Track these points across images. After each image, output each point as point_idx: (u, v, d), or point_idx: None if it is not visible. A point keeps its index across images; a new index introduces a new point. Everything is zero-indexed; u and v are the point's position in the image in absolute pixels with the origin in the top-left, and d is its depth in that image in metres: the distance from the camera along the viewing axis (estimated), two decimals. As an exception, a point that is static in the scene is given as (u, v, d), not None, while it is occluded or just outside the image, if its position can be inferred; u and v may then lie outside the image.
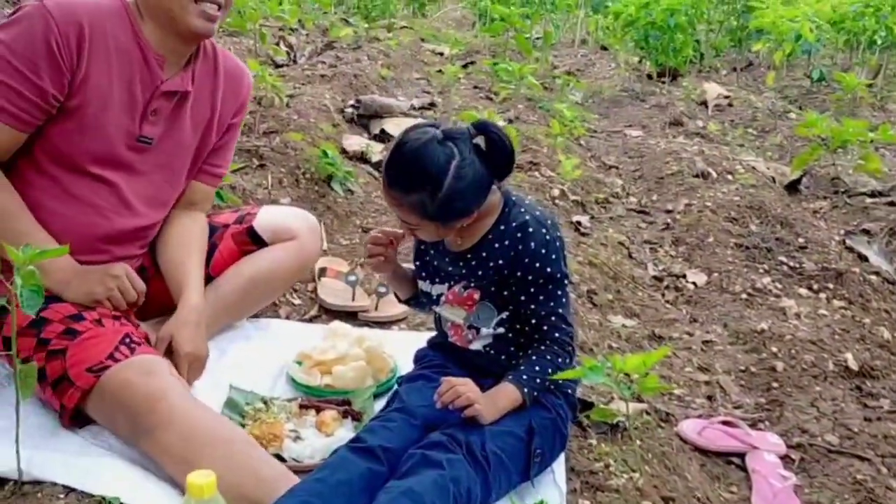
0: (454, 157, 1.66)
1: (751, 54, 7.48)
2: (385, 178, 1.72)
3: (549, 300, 1.79)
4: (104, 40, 1.84)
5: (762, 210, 3.66)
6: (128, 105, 1.91)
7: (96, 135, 1.88)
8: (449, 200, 1.67)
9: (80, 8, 1.82)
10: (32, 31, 1.76)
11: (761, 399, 2.43)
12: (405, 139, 1.70)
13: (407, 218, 1.73)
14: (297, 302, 2.62)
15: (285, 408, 1.98)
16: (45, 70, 1.77)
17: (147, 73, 1.92)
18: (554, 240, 1.79)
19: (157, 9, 1.89)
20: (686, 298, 3.12)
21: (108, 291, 1.86)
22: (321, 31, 7.09)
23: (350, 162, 3.69)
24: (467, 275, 1.83)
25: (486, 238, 1.80)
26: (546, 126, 4.49)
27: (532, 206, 1.84)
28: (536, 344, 1.81)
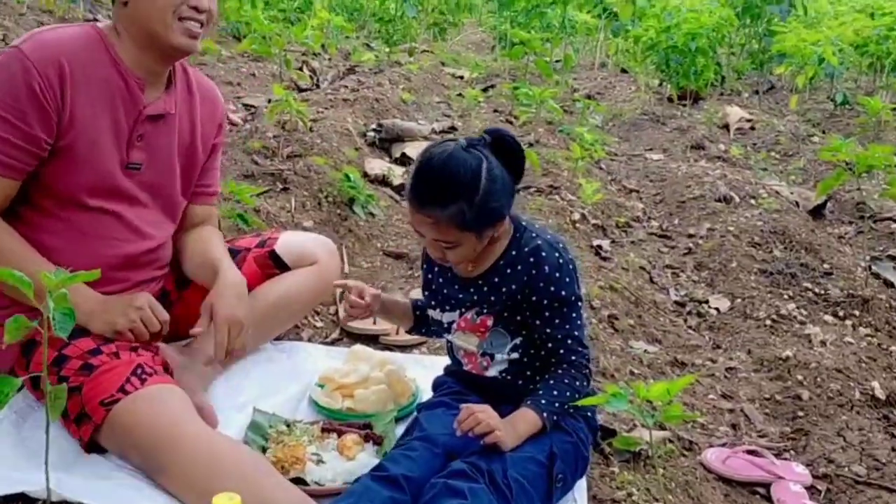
0: (482, 160, 1.69)
1: (773, 77, 7.47)
2: (416, 199, 1.72)
3: (564, 323, 1.79)
4: (85, 74, 1.84)
5: (786, 235, 3.63)
6: (114, 134, 1.92)
7: (90, 168, 1.89)
8: (486, 203, 1.68)
9: (57, 47, 1.82)
10: (14, 79, 1.77)
11: (786, 428, 2.40)
12: (430, 156, 1.72)
13: (444, 236, 1.73)
14: (319, 324, 2.62)
15: (308, 431, 1.98)
16: (33, 116, 1.78)
17: (129, 99, 1.92)
18: (567, 262, 1.79)
19: (138, 28, 1.88)
20: (709, 324, 3.10)
21: (130, 323, 1.86)
22: (343, 55, 7.14)
23: (372, 185, 3.71)
24: (479, 301, 1.83)
25: (498, 263, 1.81)
26: (566, 150, 4.49)
27: (542, 230, 1.86)
28: (554, 368, 1.81)
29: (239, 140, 3.76)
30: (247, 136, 3.85)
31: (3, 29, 5.24)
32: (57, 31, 1.87)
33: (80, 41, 1.86)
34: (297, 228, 3.07)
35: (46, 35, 1.84)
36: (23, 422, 1.90)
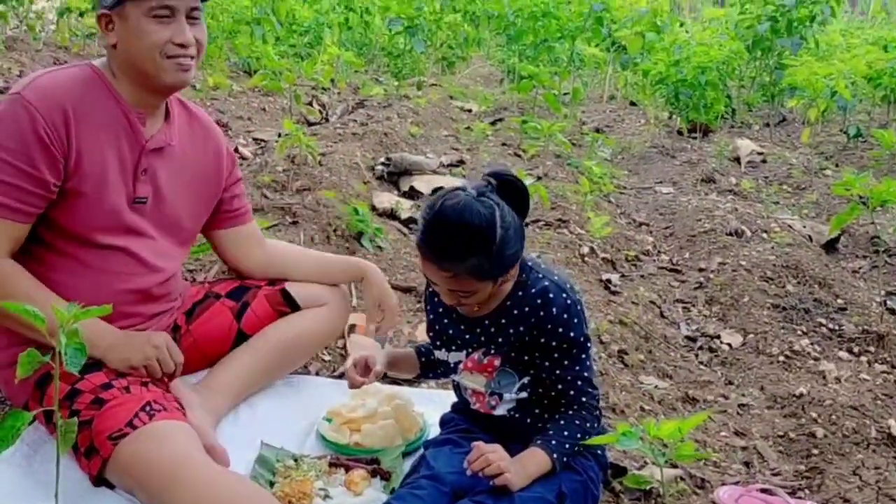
0: (495, 208, 1.66)
1: (784, 110, 7.47)
2: (431, 253, 1.69)
3: (573, 364, 1.78)
4: (87, 114, 1.86)
5: (799, 270, 3.60)
6: (120, 170, 1.93)
7: (98, 206, 1.90)
8: (502, 252, 1.66)
9: (58, 90, 1.83)
10: (20, 126, 1.78)
11: (801, 466, 2.35)
12: (443, 208, 1.68)
13: (462, 287, 1.71)
14: (327, 358, 2.61)
15: (315, 465, 1.97)
16: (42, 161, 1.79)
17: (132, 134, 1.94)
18: (574, 303, 1.78)
19: (130, 68, 1.90)
20: (721, 360, 3.06)
21: (145, 360, 1.88)
22: (353, 89, 7.20)
23: (380, 219, 3.70)
24: (486, 342, 1.81)
25: (505, 304, 1.79)
26: (575, 183, 4.48)
27: (549, 269, 1.83)
28: (563, 408, 1.80)
29: (249, 174, 3.77)
30: (257, 170, 3.86)
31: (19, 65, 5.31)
32: (56, 73, 1.88)
33: (79, 82, 1.88)
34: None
35: (46, 79, 1.85)
36: (34, 454, 1.91)
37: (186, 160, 2.08)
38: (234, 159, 2.25)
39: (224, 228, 2.25)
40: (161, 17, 1.85)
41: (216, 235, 2.27)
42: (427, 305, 1.96)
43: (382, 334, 2.30)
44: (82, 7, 6.22)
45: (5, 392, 2.02)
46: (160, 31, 1.86)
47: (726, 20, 7.92)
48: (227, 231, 2.26)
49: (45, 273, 1.88)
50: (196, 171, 2.11)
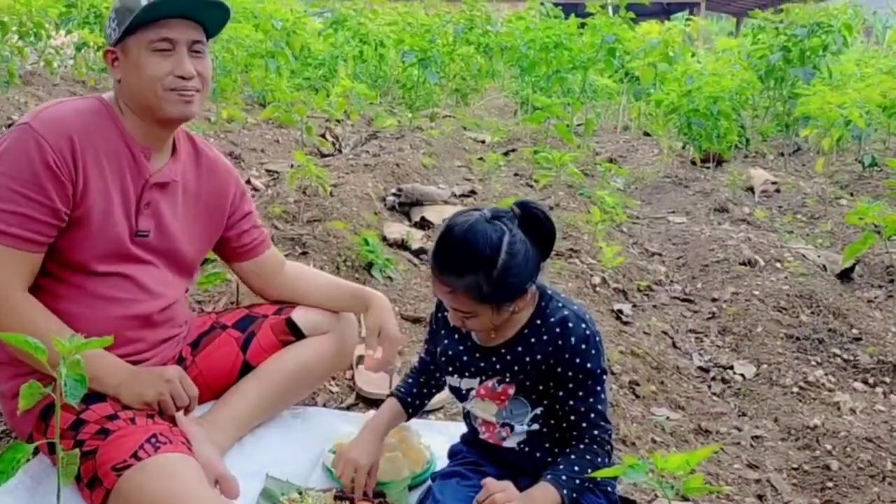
0: (504, 233, 1.65)
1: (799, 139, 7.44)
2: (435, 265, 1.70)
3: (588, 396, 1.75)
4: (93, 146, 1.87)
5: (813, 299, 3.56)
6: (123, 203, 1.94)
7: (101, 237, 1.90)
8: (504, 278, 1.64)
9: (66, 121, 1.85)
10: (29, 156, 1.79)
11: (815, 499, 2.31)
12: (452, 223, 1.69)
13: (461, 305, 1.70)
14: (334, 389, 2.59)
15: (320, 499, 1.95)
16: (52, 189, 1.80)
17: (136, 168, 1.95)
18: (593, 335, 1.75)
19: (134, 102, 1.93)
20: (734, 391, 3.03)
21: (158, 395, 1.87)
22: (366, 121, 7.24)
23: (390, 249, 3.70)
24: (502, 370, 1.79)
25: (523, 332, 1.77)
26: (587, 213, 4.47)
27: (568, 300, 1.81)
28: (575, 442, 1.77)
29: (261, 205, 3.78)
30: (268, 201, 3.88)
31: (36, 99, 5.38)
32: (64, 105, 1.90)
33: (86, 114, 1.90)
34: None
35: (54, 110, 1.87)
36: (37, 486, 1.90)
37: (189, 196, 2.09)
38: (243, 194, 2.25)
39: (243, 261, 2.29)
40: (162, 51, 1.89)
41: (237, 268, 2.32)
42: (440, 329, 1.94)
43: (382, 367, 2.26)
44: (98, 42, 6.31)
45: (9, 423, 2.02)
46: (161, 63, 1.89)
47: (739, 51, 7.93)
48: (246, 263, 2.29)
49: (45, 300, 1.87)
50: (199, 208, 2.12)
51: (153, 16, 1.87)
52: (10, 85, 5.17)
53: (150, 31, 1.88)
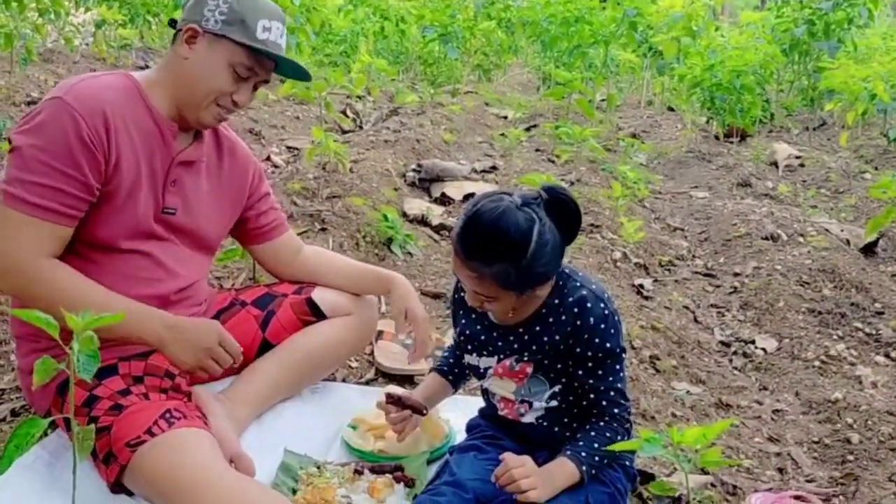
0: (535, 222, 1.63)
1: (824, 114, 7.34)
2: (462, 251, 1.67)
3: (607, 375, 1.74)
4: (124, 122, 1.87)
5: (836, 274, 3.53)
6: (151, 179, 1.94)
7: (129, 213, 1.91)
8: (532, 267, 1.63)
9: (99, 95, 1.84)
10: (64, 130, 1.78)
11: (835, 472, 2.30)
12: (481, 210, 1.66)
13: (485, 290, 1.69)
14: (353, 365, 2.60)
15: (338, 472, 1.96)
16: (86, 165, 1.80)
17: (163, 145, 1.96)
18: (612, 314, 1.74)
19: (181, 86, 1.94)
20: (755, 365, 3.01)
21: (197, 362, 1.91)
22: (388, 98, 7.22)
23: (410, 225, 3.70)
24: (520, 349, 1.78)
25: (540, 312, 1.76)
26: (608, 188, 4.44)
27: (586, 278, 1.80)
28: (594, 419, 1.76)
29: (280, 182, 3.80)
30: (288, 177, 3.89)
31: (55, 76, 5.41)
32: (95, 79, 1.89)
33: (117, 90, 1.89)
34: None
35: (85, 84, 1.85)
36: (56, 462, 1.91)
37: (212, 176, 2.11)
38: (261, 176, 2.26)
39: (259, 244, 2.29)
40: (238, 75, 1.92)
41: (253, 250, 2.32)
42: (458, 310, 1.94)
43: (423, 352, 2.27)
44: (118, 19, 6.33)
45: (28, 399, 2.04)
46: (230, 84, 1.92)
47: (763, 24, 7.81)
48: (263, 245, 2.29)
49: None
50: (221, 188, 2.13)
51: (257, 51, 1.91)
52: (29, 62, 5.19)
53: (245, 53, 1.91)
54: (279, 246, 2.31)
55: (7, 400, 2.19)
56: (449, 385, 2.05)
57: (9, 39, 4.77)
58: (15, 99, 4.56)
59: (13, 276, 1.80)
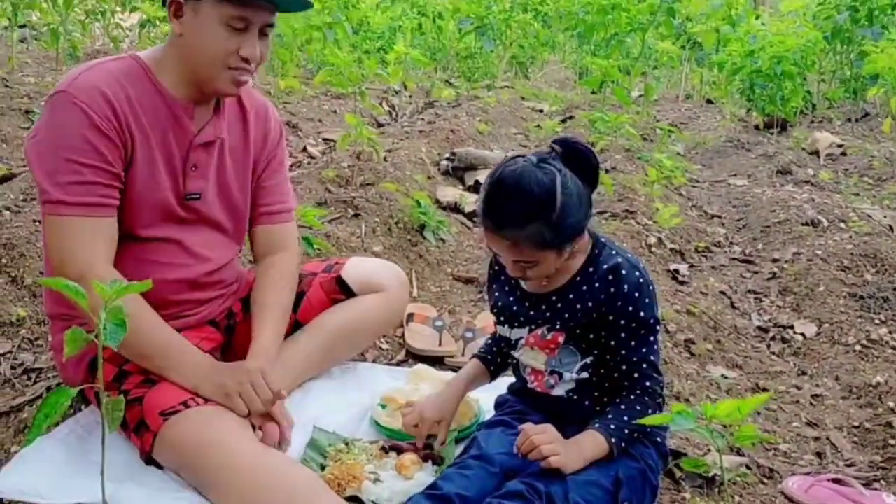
0: (555, 175, 1.62)
1: (867, 104, 7.18)
2: (491, 221, 1.65)
3: (640, 346, 1.72)
4: (133, 108, 1.81)
5: (878, 258, 3.44)
6: (169, 165, 1.89)
7: (147, 201, 1.87)
8: (564, 220, 1.61)
9: (102, 83, 1.77)
10: (76, 123, 1.74)
11: (876, 457, 2.24)
12: (501, 176, 1.65)
13: (524, 256, 1.66)
14: (384, 346, 2.60)
15: (366, 450, 1.96)
16: (107, 152, 1.76)
17: (179, 128, 1.89)
18: (647, 283, 1.72)
19: (186, 64, 1.85)
20: (794, 350, 2.94)
21: (239, 386, 1.82)
22: (424, 92, 7.22)
23: (443, 212, 3.69)
24: (553, 318, 1.76)
25: (575, 280, 1.74)
26: (644, 176, 4.39)
27: (622, 248, 1.78)
28: (626, 392, 1.73)
29: (315, 171, 3.81)
30: (323, 166, 3.90)
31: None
32: (96, 68, 1.83)
33: (122, 74, 1.82)
34: (368, 254, 3.07)
35: (87, 74, 1.79)
36: (88, 436, 1.94)
37: (236, 153, 2.03)
38: (281, 132, 2.15)
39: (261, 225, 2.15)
40: (235, 28, 1.79)
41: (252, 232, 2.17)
42: (492, 284, 1.92)
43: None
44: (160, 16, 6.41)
45: (62, 376, 2.05)
46: (230, 40, 1.80)
47: (804, 11, 7.67)
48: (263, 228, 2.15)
49: None
50: (246, 162, 2.07)
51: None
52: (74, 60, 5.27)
53: (230, 5, 1.77)
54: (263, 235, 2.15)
55: (43, 378, 2.22)
56: (485, 374, 2.03)
57: (55, 36, 4.85)
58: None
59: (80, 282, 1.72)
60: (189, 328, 1.94)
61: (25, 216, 2.77)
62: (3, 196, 3.08)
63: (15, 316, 2.40)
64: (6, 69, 4.87)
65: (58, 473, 1.76)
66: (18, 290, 2.51)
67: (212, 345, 2.04)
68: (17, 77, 4.88)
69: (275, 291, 2.09)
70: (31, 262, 2.57)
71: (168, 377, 1.82)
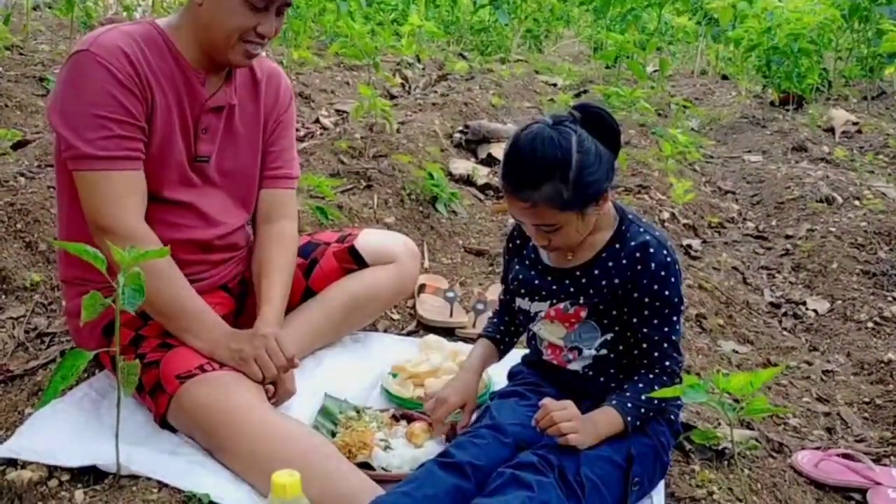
0: (571, 134, 1.60)
1: (883, 83, 7.10)
2: (509, 185, 1.65)
3: (663, 325, 1.71)
4: (151, 70, 1.84)
5: (892, 236, 3.43)
6: (182, 127, 1.92)
7: (162, 163, 1.89)
8: (581, 178, 1.60)
9: (120, 41, 1.80)
10: (100, 80, 1.76)
11: (886, 433, 2.24)
12: (517, 137, 1.64)
13: (544, 219, 1.65)
14: (395, 317, 2.61)
15: (377, 417, 1.98)
16: (134, 108, 1.79)
17: (191, 92, 1.91)
18: (674, 262, 1.70)
19: (202, 34, 1.87)
20: (806, 326, 2.94)
21: (255, 350, 1.83)
22: (437, 65, 7.18)
23: (456, 184, 3.68)
24: (576, 293, 1.75)
25: (601, 256, 1.73)
26: (658, 151, 4.37)
27: (650, 225, 1.76)
28: (644, 370, 1.73)
29: (328, 141, 3.80)
30: (336, 137, 3.89)
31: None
32: (117, 29, 1.85)
33: (142, 38, 1.85)
34: (380, 225, 3.07)
35: (109, 35, 1.82)
36: (102, 399, 1.96)
37: (247, 118, 2.06)
38: (290, 98, 2.17)
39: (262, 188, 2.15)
40: (254, 6, 1.83)
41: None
42: (513, 257, 1.91)
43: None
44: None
45: (76, 342, 2.06)
46: (249, 17, 1.83)
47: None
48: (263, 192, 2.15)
49: None
50: (257, 128, 2.09)
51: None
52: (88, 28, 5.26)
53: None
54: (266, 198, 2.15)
55: (56, 342, 2.24)
56: (495, 353, 2.02)
57: (70, 4, 4.83)
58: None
59: (113, 237, 1.74)
60: (202, 293, 1.95)
61: (40, 182, 2.78)
62: (18, 162, 3.08)
63: (29, 280, 2.42)
64: (20, 36, 4.86)
65: (72, 436, 1.78)
66: (33, 255, 2.52)
67: (224, 310, 2.05)
68: (31, 45, 4.87)
69: (281, 257, 2.10)
70: (45, 228, 2.58)
71: (185, 339, 1.84)
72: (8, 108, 3.70)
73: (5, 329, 2.26)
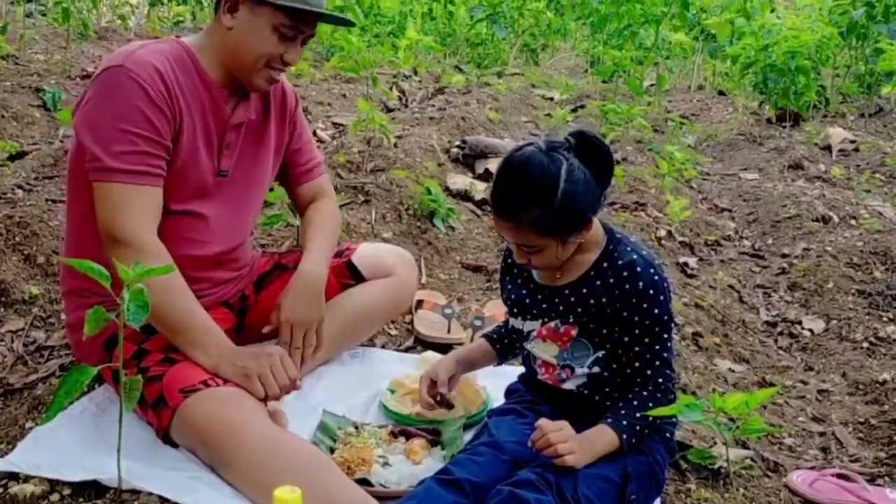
0: (562, 162, 1.61)
1: (881, 100, 7.14)
2: (496, 202, 1.67)
3: (654, 343, 1.72)
4: (180, 87, 1.89)
5: (888, 256, 3.44)
6: (207, 142, 1.97)
7: (184, 178, 1.93)
8: (565, 207, 1.61)
9: (154, 59, 1.85)
10: (132, 96, 1.80)
11: (881, 453, 2.25)
12: (509, 158, 1.67)
13: (525, 240, 1.68)
14: (393, 332, 2.61)
15: (375, 434, 1.99)
16: (159, 125, 1.83)
17: (216, 110, 1.97)
18: (662, 280, 1.72)
19: (228, 55, 1.95)
20: (801, 345, 2.95)
21: (260, 368, 1.85)
22: (434, 78, 7.21)
23: (453, 200, 3.69)
24: (565, 311, 1.77)
25: (588, 274, 1.75)
26: (655, 168, 4.38)
27: (638, 244, 1.78)
28: (638, 388, 1.74)
29: (326, 156, 3.80)
30: (333, 151, 3.90)
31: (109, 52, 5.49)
32: (149, 46, 1.91)
33: (169, 56, 1.91)
34: (377, 240, 3.08)
35: (142, 52, 1.87)
36: (103, 414, 1.97)
37: (262, 132, 2.12)
38: (296, 99, 2.24)
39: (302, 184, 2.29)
40: (284, 35, 1.91)
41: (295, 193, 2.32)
42: (506, 276, 1.94)
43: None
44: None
45: (76, 355, 2.08)
46: (276, 46, 1.91)
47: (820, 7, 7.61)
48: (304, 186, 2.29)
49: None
50: (268, 142, 2.14)
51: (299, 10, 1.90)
52: (84, 38, 5.27)
53: (287, 14, 1.89)
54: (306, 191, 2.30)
55: (56, 356, 2.24)
56: (494, 354, 2.05)
57: (66, 14, 4.85)
58: (70, 73, 4.63)
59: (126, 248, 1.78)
60: (206, 309, 1.95)
61: (38, 194, 2.79)
62: (16, 174, 3.09)
63: (28, 293, 2.42)
64: (15, 46, 4.86)
65: (73, 450, 1.79)
66: (31, 268, 2.53)
67: (226, 326, 2.07)
68: (26, 54, 4.88)
69: (325, 221, 2.25)
70: (43, 241, 2.58)
71: (191, 354, 1.85)
72: (4, 118, 3.71)
73: (4, 342, 2.26)
